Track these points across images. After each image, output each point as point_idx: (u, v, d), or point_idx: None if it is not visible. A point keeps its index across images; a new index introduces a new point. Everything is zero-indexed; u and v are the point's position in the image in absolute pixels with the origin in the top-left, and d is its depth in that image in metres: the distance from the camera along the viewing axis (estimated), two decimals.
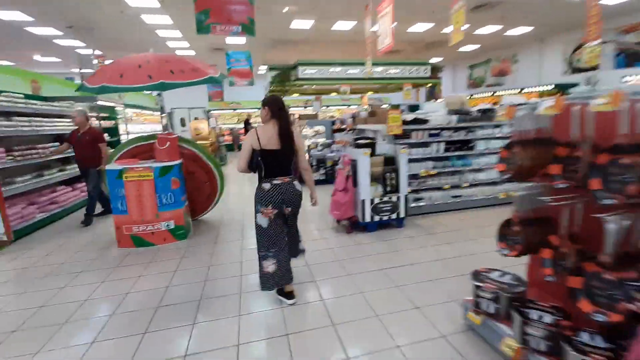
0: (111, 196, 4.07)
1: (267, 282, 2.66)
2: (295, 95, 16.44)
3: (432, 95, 20.92)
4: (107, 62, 11.26)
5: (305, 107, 17.91)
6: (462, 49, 14.35)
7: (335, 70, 11.34)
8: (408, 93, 13.08)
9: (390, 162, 4.40)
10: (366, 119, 5.02)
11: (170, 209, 4.20)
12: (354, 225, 4.41)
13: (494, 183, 5.37)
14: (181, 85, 3.63)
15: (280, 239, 2.66)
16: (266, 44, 12.15)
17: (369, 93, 17.78)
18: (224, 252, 3.98)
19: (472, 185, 5.26)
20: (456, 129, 5.10)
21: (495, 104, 6.94)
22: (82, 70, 11.35)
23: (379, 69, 11.67)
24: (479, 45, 14.09)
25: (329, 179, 7.69)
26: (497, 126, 5.33)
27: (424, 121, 4.89)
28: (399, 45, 13.37)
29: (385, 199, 4.31)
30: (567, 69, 12.23)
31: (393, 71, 12.32)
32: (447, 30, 10.95)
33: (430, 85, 14.57)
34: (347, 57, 12.24)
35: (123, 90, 3.58)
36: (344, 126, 8.19)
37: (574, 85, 11.50)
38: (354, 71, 11.36)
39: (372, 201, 4.27)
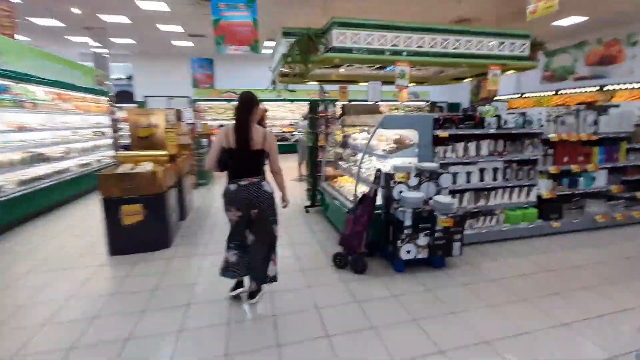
0: None
1: (226, 269, 2.67)
2: (314, 83, 11.82)
3: (478, 91, 16.54)
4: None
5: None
6: (560, 22, 9.93)
7: (389, 38, 6.81)
8: (495, 81, 8.60)
9: None
10: None
11: None
12: None
13: None
14: None
15: (241, 237, 2.61)
16: None
17: (411, 84, 13.30)
18: None
19: None
20: None
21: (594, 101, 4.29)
22: None
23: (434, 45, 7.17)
24: (585, 18, 9.68)
25: (436, 260, 3.23)
26: None
27: None
28: (474, 9, 9.02)
29: None
30: None
31: (467, 47, 7.81)
32: None
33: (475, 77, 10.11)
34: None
35: None
36: (463, 131, 3.70)
37: None
38: (423, 37, 6.85)
39: None
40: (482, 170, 3.82)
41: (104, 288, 3.00)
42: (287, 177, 9.23)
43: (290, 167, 9.39)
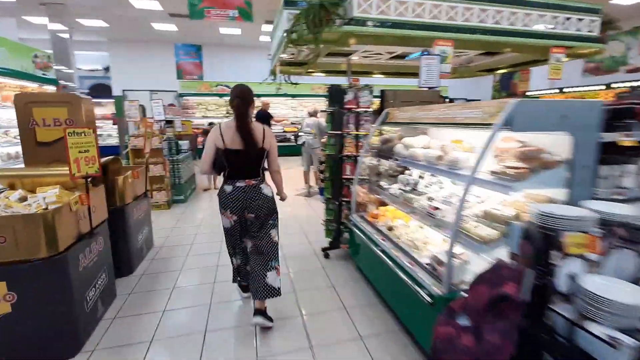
0: None
1: (235, 275, 2.59)
2: (320, 74, 9.78)
3: (508, 86, 14.58)
4: None
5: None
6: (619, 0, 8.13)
7: (427, 8, 4.90)
8: (558, 68, 6.69)
9: None
10: None
11: None
12: None
13: None
14: None
15: (239, 244, 2.44)
16: None
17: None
18: None
19: None
20: None
21: None
22: None
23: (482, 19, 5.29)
24: None
25: None
26: None
27: None
28: None
29: None
30: None
31: (525, 22, 5.90)
32: None
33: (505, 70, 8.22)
34: None
35: None
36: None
37: None
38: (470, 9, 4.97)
39: None
40: None
41: None
42: (293, 191, 7.38)
43: (294, 175, 7.41)
